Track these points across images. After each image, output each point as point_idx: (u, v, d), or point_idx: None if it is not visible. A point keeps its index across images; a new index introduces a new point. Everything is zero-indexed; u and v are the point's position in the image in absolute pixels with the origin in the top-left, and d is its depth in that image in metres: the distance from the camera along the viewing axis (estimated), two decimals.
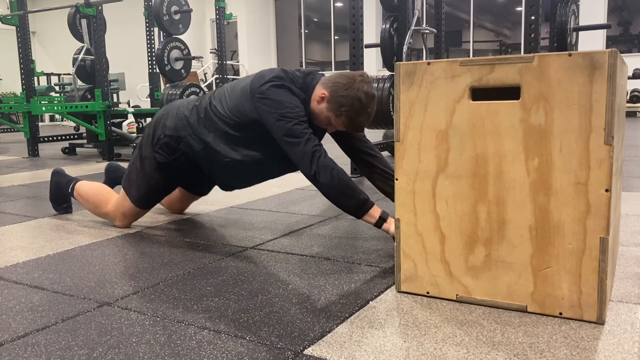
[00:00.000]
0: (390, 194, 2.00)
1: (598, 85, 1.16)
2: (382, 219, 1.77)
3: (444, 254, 1.37)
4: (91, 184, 2.37)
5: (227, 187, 2.25)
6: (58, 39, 14.34)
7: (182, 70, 5.57)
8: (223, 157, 1.98)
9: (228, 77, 6.62)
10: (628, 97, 9.62)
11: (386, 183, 2.02)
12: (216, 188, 2.33)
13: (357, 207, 1.77)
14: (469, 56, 11.89)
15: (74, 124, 8.50)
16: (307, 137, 1.79)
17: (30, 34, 5.67)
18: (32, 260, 1.81)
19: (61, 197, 2.50)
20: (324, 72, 1.85)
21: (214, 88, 10.85)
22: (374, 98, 1.86)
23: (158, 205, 2.59)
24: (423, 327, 1.22)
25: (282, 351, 1.12)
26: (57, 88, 12.01)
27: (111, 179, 2.64)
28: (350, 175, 3.54)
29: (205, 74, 12.37)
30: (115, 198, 2.25)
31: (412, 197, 1.39)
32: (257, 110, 1.86)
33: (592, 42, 9.85)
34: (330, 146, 1.95)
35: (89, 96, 5.77)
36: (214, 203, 2.73)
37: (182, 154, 2.07)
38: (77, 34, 5.86)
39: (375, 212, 1.77)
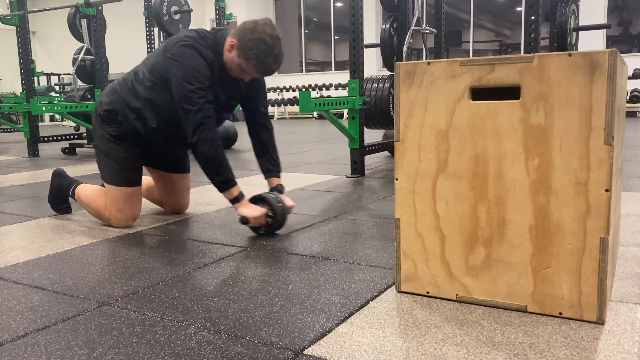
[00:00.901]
0: (264, 172, 2.26)
1: (598, 85, 1.16)
2: (237, 199, 2.02)
3: (444, 254, 1.37)
4: (91, 189, 2.37)
5: (172, 152, 2.39)
6: (58, 39, 14.34)
7: None
8: (150, 122, 2.16)
9: None
10: (628, 97, 9.61)
11: (266, 165, 2.26)
12: (215, 188, 2.32)
13: (222, 183, 2.02)
14: (469, 56, 11.88)
15: (74, 124, 8.50)
16: (199, 107, 1.97)
17: (30, 34, 5.67)
18: (32, 260, 1.81)
19: (61, 198, 2.50)
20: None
21: None
22: (278, 39, 2.00)
23: (158, 207, 2.59)
24: (423, 327, 1.22)
25: (282, 351, 1.12)
26: (57, 88, 12.01)
27: None
28: (350, 175, 3.55)
29: None
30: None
31: (412, 197, 1.39)
32: (166, 68, 2.03)
33: (592, 42, 9.85)
34: (330, 146, 1.95)
35: (89, 96, 5.77)
36: (214, 203, 2.73)
37: (123, 124, 2.21)
38: (77, 34, 5.86)
39: (235, 191, 2.03)
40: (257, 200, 2.08)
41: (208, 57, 2.03)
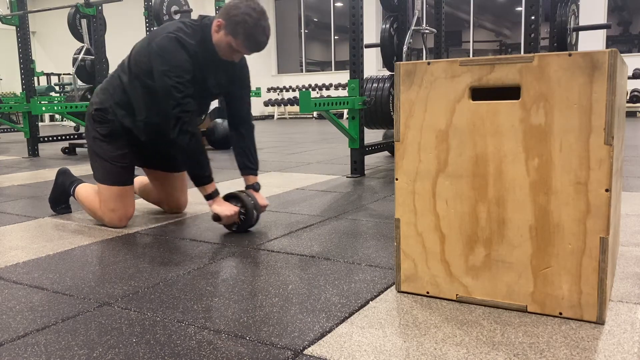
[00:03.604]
0: (241, 168, 2.28)
1: (598, 85, 1.16)
2: (210, 196, 2.07)
3: (444, 254, 1.37)
4: (89, 189, 2.37)
5: (162, 149, 2.37)
6: (58, 39, 14.33)
7: None
8: (137, 117, 2.18)
9: None
10: (628, 97, 9.62)
11: (243, 160, 2.27)
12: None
13: (198, 177, 2.06)
14: (469, 56, 11.88)
15: (74, 124, 8.50)
16: (177, 101, 1.99)
17: (30, 34, 5.67)
18: (32, 260, 1.81)
19: (62, 197, 2.50)
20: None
21: None
22: (263, 13, 2.02)
23: (157, 207, 2.59)
24: (423, 327, 1.22)
25: (282, 351, 1.12)
26: (57, 88, 12.01)
27: None
28: (350, 175, 3.55)
29: None
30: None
31: (412, 197, 1.39)
32: (150, 59, 2.05)
33: (592, 42, 9.84)
34: (330, 146, 1.95)
35: (89, 96, 5.77)
36: None
37: (115, 123, 2.21)
38: (77, 34, 5.86)
39: (210, 188, 2.06)
40: (230, 197, 2.12)
41: (192, 49, 2.04)
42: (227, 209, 2.05)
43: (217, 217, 2.06)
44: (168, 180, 2.46)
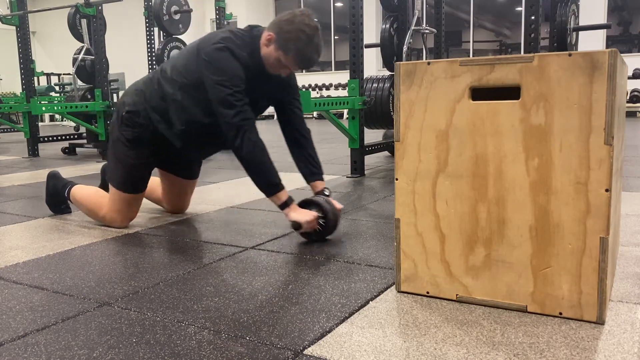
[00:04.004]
0: (306, 175, 2.17)
1: (598, 85, 1.16)
2: (286, 204, 1.92)
3: (444, 254, 1.37)
4: (86, 189, 2.37)
5: (192, 156, 2.34)
6: (58, 39, 14.33)
7: None
8: (177, 126, 2.09)
9: None
10: (628, 97, 9.62)
11: (307, 167, 2.17)
12: (215, 188, 2.33)
13: (268, 186, 1.93)
14: (469, 56, 11.89)
15: (74, 124, 8.50)
16: (238, 109, 1.89)
17: (30, 34, 5.67)
18: (32, 260, 1.81)
19: (58, 200, 2.50)
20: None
21: None
22: (317, 29, 1.93)
23: (158, 207, 2.59)
24: (423, 327, 1.22)
25: (282, 351, 1.12)
26: (57, 88, 12.01)
27: (105, 180, 2.64)
28: (350, 175, 3.55)
29: None
30: (107, 199, 2.25)
31: (412, 197, 1.39)
32: (200, 71, 1.96)
33: (592, 42, 9.84)
34: (330, 146, 1.95)
35: (89, 96, 5.77)
36: (214, 203, 2.73)
37: (145, 128, 2.14)
38: (77, 34, 5.86)
39: (283, 195, 1.92)
40: (306, 204, 1.99)
41: (243, 59, 1.94)
42: (307, 215, 1.91)
43: (297, 226, 1.91)
44: (181, 185, 2.45)
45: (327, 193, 2.10)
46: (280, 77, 2.07)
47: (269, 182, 1.92)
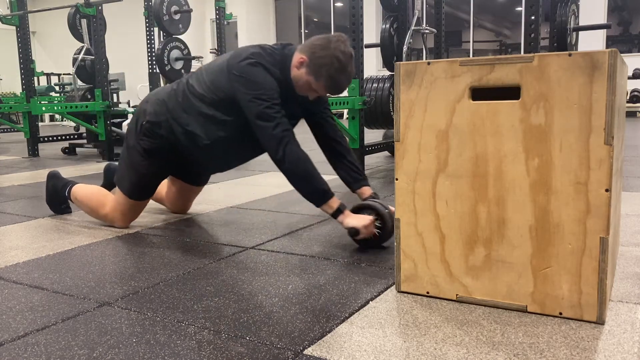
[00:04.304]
0: (350, 183, 2.08)
1: (598, 85, 1.16)
2: (339, 210, 1.83)
3: (444, 254, 1.37)
4: (87, 187, 2.37)
5: (211, 170, 2.32)
6: (58, 39, 14.33)
7: (182, 70, 5.56)
8: (202, 140, 2.03)
9: None
10: (628, 97, 9.62)
11: (349, 174, 2.08)
12: (216, 188, 2.33)
13: (317, 195, 1.84)
14: (469, 56, 11.89)
15: (74, 124, 8.50)
16: (277, 121, 1.84)
17: (30, 34, 5.67)
18: (32, 260, 1.81)
19: (58, 200, 2.50)
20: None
21: None
22: (351, 57, 1.90)
23: (158, 206, 2.59)
24: (423, 327, 1.22)
25: (282, 351, 1.12)
26: (57, 88, 12.00)
27: (109, 180, 2.64)
28: None
29: None
30: (111, 199, 2.25)
31: (412, 197, 1.39)
32: (232, 88, 1.90)
33: (592, 42, 9.84)
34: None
35: (89, 96, 5.77)
36: (214, 203, 2.73)
37: (165, 139, 2.10)
38: (77, 34, 5.86)
39: (334, 203, 1.83)
40: (359, 209, 1.90)
41: (276, 75, 1.90)
42: (363, 220, 1.81)
43: (354, 232, 1.81)
44: (187, 190, 2.45)
45: (377, 199, 1.99)
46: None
47: (317, 191, 1.83)
